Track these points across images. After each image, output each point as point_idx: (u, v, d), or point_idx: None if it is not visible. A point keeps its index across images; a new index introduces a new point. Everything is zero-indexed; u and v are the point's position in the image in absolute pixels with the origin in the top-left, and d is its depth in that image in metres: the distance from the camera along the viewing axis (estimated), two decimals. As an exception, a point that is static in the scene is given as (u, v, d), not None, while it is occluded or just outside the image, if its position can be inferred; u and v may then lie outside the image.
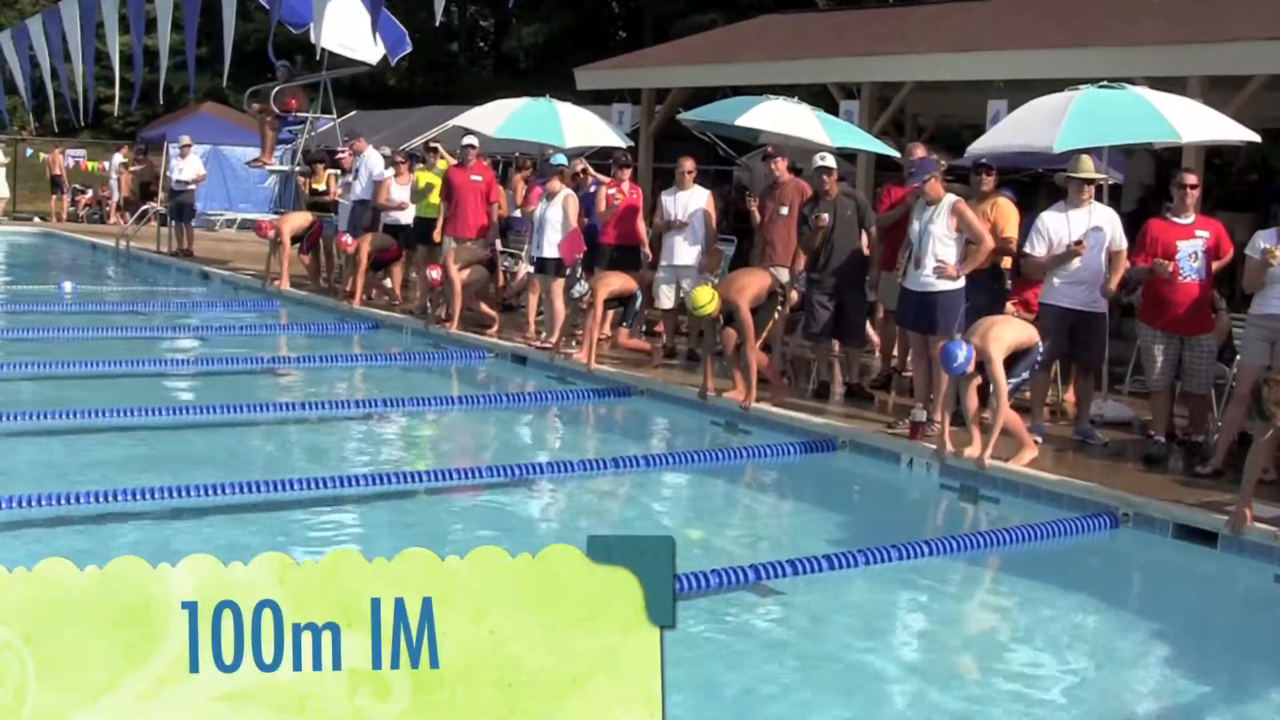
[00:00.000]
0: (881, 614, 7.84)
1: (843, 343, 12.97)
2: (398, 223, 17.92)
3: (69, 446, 10.53)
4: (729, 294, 11.95)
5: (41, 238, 30.52)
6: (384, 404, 12.48)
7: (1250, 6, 15.35)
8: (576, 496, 10.11)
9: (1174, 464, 10.56)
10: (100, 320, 17.17)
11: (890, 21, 21.39)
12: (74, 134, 37.92)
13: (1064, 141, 11.02)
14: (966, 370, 9.87)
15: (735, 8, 36.44)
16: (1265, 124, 14.72)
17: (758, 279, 12.28)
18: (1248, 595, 8.56)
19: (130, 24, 9.49)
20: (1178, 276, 10.49)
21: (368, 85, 43.22)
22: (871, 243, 12.75)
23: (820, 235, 12.48)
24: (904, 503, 10.70)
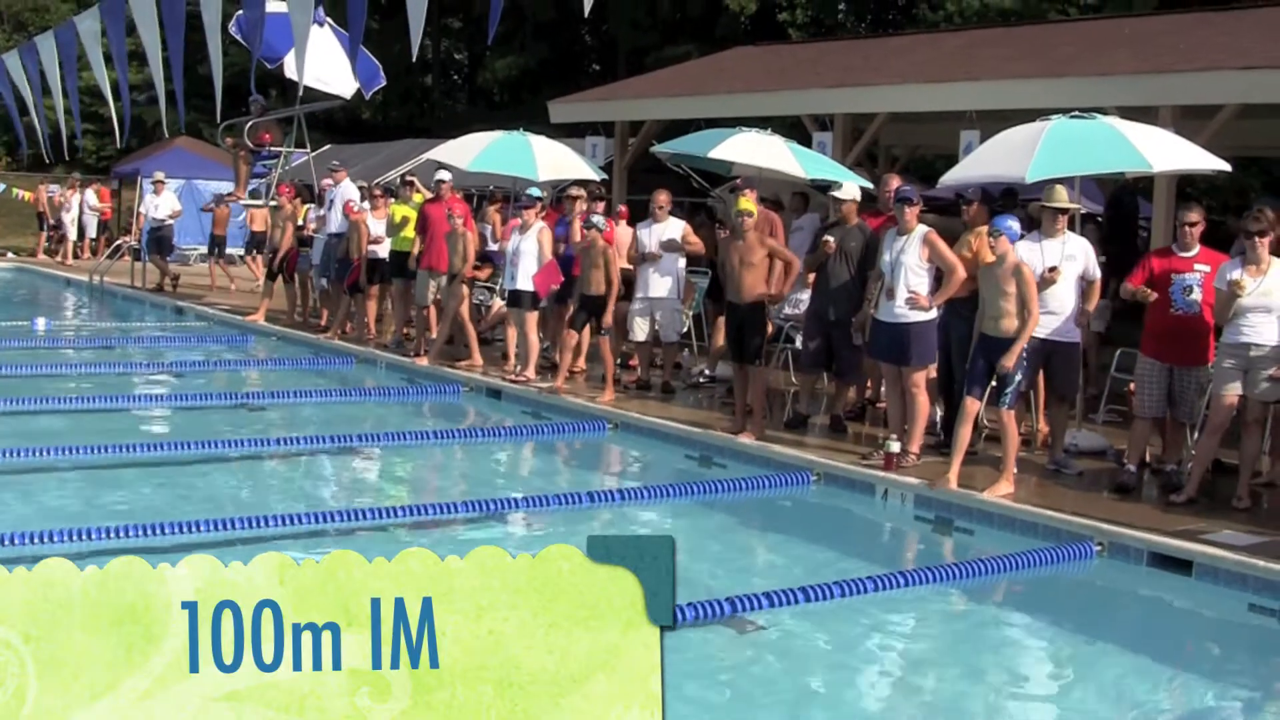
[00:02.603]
0: (857, 646, 7.80)
1: (839, 378, 12.97)
2: (374, 256, 17.89)
3: (37, 485, 10.45)
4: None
5: (15, 273, 30.40)
6: (358, 439, 12.43)
7: (1221, 36, 15.48)
8: (550, 531, 10.04)
9: (1148, 493, 10.58)
10: (74, 356, 17.09)
11: (863, 53, 21.51)
12: (48, 169, 37.79)
13: (1036, 171, 11.04)
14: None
15: (709, 40, 36.62)
16: (1236, 153, 14.82)
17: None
18: (1222, 623, 8.55)
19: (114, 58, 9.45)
20: (1169, 307, 10.52)
21: (342, 119, 43.33)
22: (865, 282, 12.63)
23: (820, 258, 12.44)
24: (879, 534, 10.69)
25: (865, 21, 40.80)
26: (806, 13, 37.62)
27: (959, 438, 10.40)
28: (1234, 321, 10.03)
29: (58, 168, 39.84)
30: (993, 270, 10.25)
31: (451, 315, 16.17)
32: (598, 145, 21.02)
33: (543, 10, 42.42)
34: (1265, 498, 10.47)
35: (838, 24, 39.42)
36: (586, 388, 14.66)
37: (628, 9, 40.14)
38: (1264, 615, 8.24)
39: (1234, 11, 18.07)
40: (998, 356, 10.17)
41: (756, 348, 12.07)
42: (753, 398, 12.23)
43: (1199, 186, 24.66)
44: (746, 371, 12.23)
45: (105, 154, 42.41)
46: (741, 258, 12.00)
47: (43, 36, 10.77)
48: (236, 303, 21.32)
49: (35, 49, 11.00)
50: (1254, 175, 26.23)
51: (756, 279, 11.98)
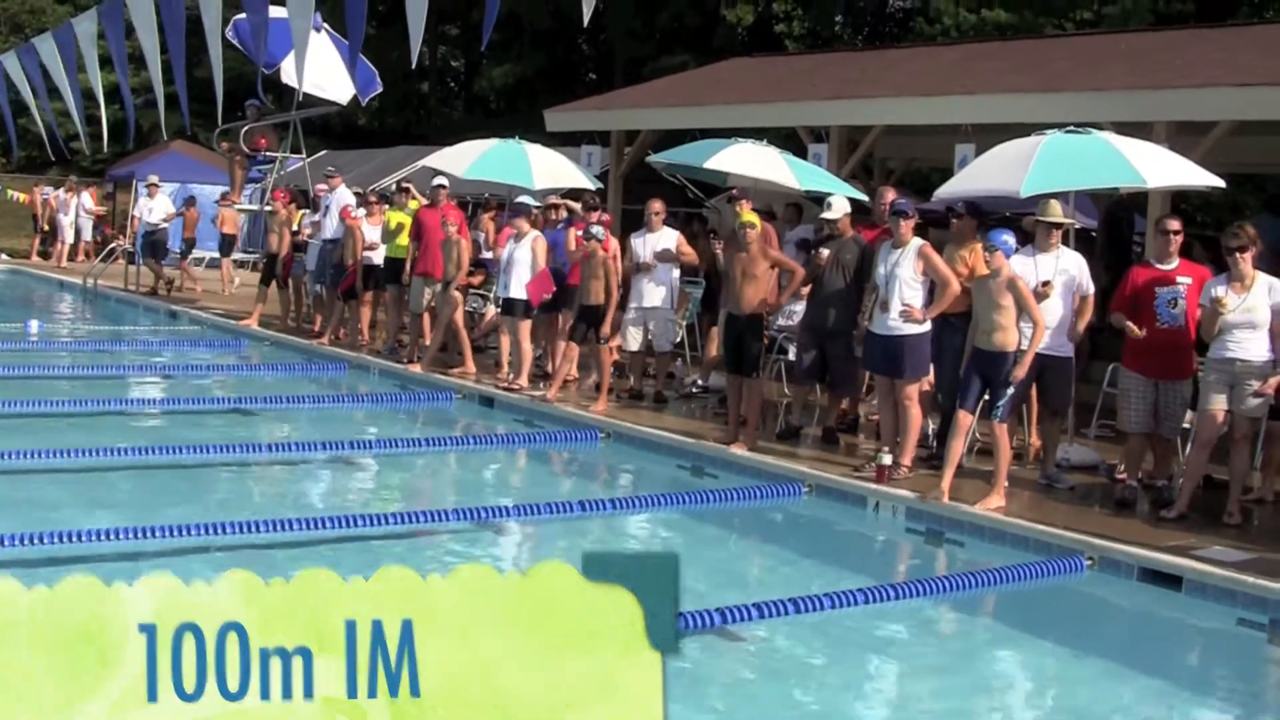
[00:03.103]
0: (847, 658, 7.80)
1: (834, 390, 12.97)
2: (369, 262, 17.86)
3: (28, 485, 10.44)
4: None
5: (9, 275, 30.36)
6: (350, 445, 12.43)
7: (1216, 53, 15.51)
8: (541, 539, 10.06)
9: (1139, 508, 10.59)
10: (66, 359, 17.06)
11: (859, 66, 21.53)
12: (41, 170, 37.80)
13: (1031, 186, 11.05)
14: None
15: (706, 50, 36.63)
16: (1231, 169, 14.84)
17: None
18: (1212, 639, 8.56)
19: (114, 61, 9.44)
20: (1154, 321, 10.53)
21: (338, 125, 43.35)
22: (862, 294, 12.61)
23: (814, 270, 12.45)
24: (870, 546, 10.69)
25: (862, 34, 40.89)
26: (803, 25, 37.69)
27: (951, 451, 10.41)
28: (1219, 337, 10.05)
29: (53, 170, 39.87)
30: (986, 284, 10.27)
31: (445, 322, 16.16)
32: (593, 154, 21.00)
33: (540, 19, 42.45)
34: (1256, 514, 10.49)
35: (834, 36, 39.48)
36: (579, 396, 14.66)
37: (625, 19, 40.18)
38: (1253, 630, 8.25)
39: (1230, 28, 18.15)
40: (990, 370, 10.18)
41: (754, 359, 12.07)
42: (747, 409, 12.23)
43: (1193, 202, 24.70)
44: (742, 383, 12.23)
45: (100, 157, 42.37)
46: (744, 270, 12.01)
47: (41, 38, 10.75)
48: (230, 307, 21.28)
49: (34, 50, 10.98)
50: (1249, 192, 26.25)
51: (758, 291, 11.98)
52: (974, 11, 32.63)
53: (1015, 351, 10.15)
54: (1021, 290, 10.14)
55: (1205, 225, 23.44)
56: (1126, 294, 10.81)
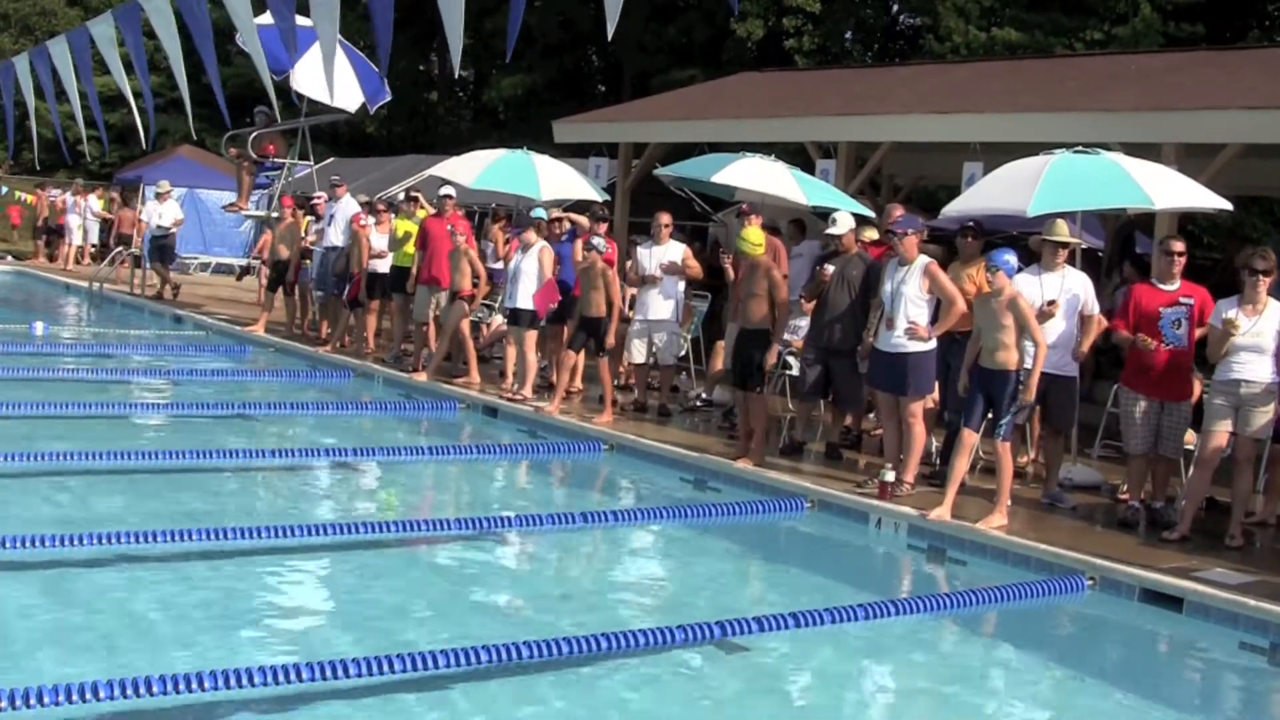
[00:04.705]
0: (846, 673, 7.78)
1: (838, 406, 12.97)
2: (375, 270, 17.87)
3: (31, 489, 10.44)
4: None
5: (14, 276, 30.38)
6: (353, 453, 12.41)
7: (1225, 76, 15.51)
8: (543, 550, 10.06)
9: (1140, 529, 10.57)
10: (70, 362, 17.05)
11: (868, 82, 21.54)
12: (49, 173, 37.84)
13: (1038, 205, 11.06)
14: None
15: (715, 64, 36.66)
16: (1239, 191, 14.84)
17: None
18: (1213, 661, 8.54)
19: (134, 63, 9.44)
20: (1160, 344, 10.53)
21: (346, 132, 43.42)
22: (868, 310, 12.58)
23: (819, 287, 12.45)
24: (872, 562, 10.67)
25: (871, 50, 40.88)
26: (813, 40, 37.68)
27: (955, 469, 10.41)
28: (1225, 359, 10.07)
29: (60, 173, 39.91)
30: (988, 303, 10.27)
31: (451, 331, 16.17)
32: (601, 166, 21.01)
33: (550, 31, 42.50)
34: (1258, 537, 10.48)
35: (844, 52, 39.50)
36: (584, 409, 14.65)
37: (635, 32, 40.19)
38: (1254, 653, 8.24)
39: (1240, 51, 18.16)
40: (993, 388, 10.18)
41: (760, 374, 12.06)
42: (754, 423, 12.23)
43: (1200, 224, 24.71)
44: (746, 397, 12.23)
45: (108, 160, 42.44)
46: (748, 288, 12.03)
47: (55, 41, 10.76)
48: (235, 313, 21.28)
49: (47, 53, 10.99)
50: (1256, 215, 26.29)
51: (760, 306, 11.98)
52: (984, 30, 32.65)
53: (1018, 370, 10.15)
54: (1023, 310, 10.14)
55: (1211, 247, 23.45)
56: (1130, 313, 10.81)
